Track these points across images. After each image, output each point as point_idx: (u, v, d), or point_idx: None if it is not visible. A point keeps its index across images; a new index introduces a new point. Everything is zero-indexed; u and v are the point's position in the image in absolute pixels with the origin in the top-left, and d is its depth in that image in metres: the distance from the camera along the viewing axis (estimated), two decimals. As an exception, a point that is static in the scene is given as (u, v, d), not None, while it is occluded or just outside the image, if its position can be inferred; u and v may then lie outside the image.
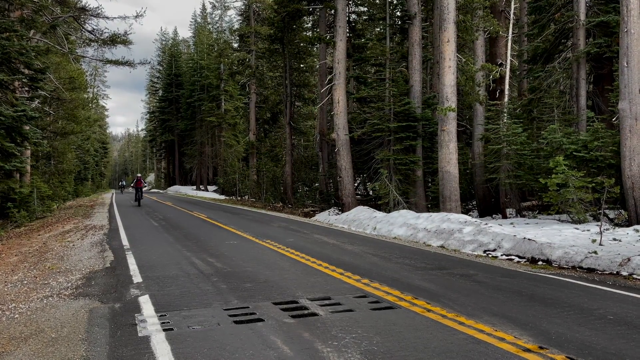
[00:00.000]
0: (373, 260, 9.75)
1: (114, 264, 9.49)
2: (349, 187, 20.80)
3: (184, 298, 6.69)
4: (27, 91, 21.57)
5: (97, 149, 68.25)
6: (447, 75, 15.72)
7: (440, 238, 12.48)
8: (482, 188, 20.08)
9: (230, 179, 42.06)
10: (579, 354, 4.51)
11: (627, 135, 12.59)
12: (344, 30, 21.16)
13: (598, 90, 18.66)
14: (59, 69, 28.26)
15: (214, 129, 54.60)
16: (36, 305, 6.58)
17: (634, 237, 10.64)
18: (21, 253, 11.63)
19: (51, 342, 5.06)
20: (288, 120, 31.01)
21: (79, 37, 26.73)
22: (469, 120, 22.90)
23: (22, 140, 18.21)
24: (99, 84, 70.98)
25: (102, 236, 14.07)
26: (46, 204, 23.83)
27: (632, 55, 12.42)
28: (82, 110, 35.18)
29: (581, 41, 17.38)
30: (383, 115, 20.04)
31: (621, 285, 7.50)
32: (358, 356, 4.47)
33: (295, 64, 32.49)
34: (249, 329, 5.31)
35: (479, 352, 4.54)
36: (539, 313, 5.88)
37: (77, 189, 47.38)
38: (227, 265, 9.10)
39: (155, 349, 4.72)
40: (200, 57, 58.06)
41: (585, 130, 16.52)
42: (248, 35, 41.00)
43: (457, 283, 7.63)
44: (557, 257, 9.35)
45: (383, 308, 6.14)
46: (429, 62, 23.89)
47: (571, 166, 14.25)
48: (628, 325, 5.39)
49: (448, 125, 15.76)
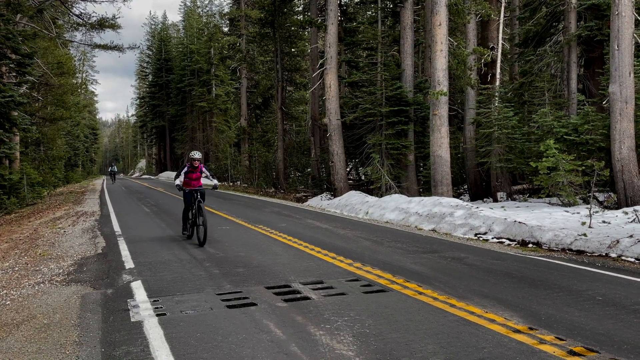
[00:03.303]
0: (365, 244, 9.80)
1: (106, 250, 9.47)
2: (341, 172, 20.80)
3: (176, 283, 6.69)
4: (14, 76, 21.28)
5: (87, 135, 67.74)
6: (439, 59, 15.66)
7: (432, 222, 12.54)
8: (474, 172, 20.15)
9: (222, 165, 41.91)
10: (568, 334, 4.58)
11: (617, 118, 12.64)
12: (335, 13, 20.97)
13: (589, 73, 18.69)
14: (47, 54, 27.85)
15: (205, 114, 54.24)
16: (28, 291, 6.56)
17: (623, 219, 10.75)
18: (12, 240, 11.57)
19: (43, 328, 5.05)
20: (280, 105, 30.84)
21: (66, 21, 26.36)
22: (461, 104, 22.90)
23: (11, 126, 18.03)
24: (88, 69, 70.07)
25: (94, 222, 14.01)
26: (36, 191, 23.65)
27: (623, 38, 12.42)
28: (71, 95, 34.78)
29: (572, 24, 17.36)
30: (375, 99, 19.98)
31: (610, 267, 7.59)
32: (350, 339, 4.51)
33: (287, 48, 32.22)
34: (242, 313, 5.33)
35: (469, 334, 4.59)
36: (528, 295, 5.94)
37: (67, 175, 47.06)
38: (220, 251, 9.11)
39: (148, 333, 4.73)
40: (190, 41, 57.49)
41: (575, 114, 16.58)
42: (238, 19, 40.52)
43: (448, 266, 7.69)
44: (547, 239, 9.43)
45: (375, 291, 6.18)
46: (420, 45, 23.79)
47: (561, 149, 14.32)
48: (616, 306, 5.46)
49: (440, 110, 15.75)
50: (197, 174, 10.23)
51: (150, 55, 75.28)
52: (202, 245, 9.36)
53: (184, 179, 10.09)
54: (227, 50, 43.57)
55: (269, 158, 33.32)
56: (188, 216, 10.29)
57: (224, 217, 14.87)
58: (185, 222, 10.41)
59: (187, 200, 10.18)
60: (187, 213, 10.31)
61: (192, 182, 10.25)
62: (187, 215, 10.29)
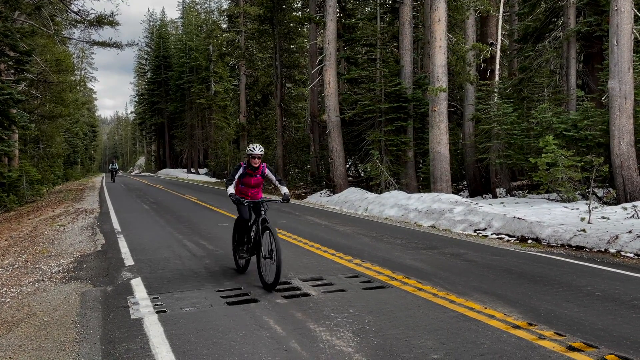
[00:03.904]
0: (365, 241, 9.81)
1: (106, 247, 9.47)
2: (340, 168, 20.80)
3: (176, 280, 6.70)
4: (13, 74, 21.23)
5: (86, 133, 67.64)
6: (438, 55, 15.64)
7: (431, 218, 12.55)
8: (473, 168, 20.16)
9: (221, 162, 41.91)
10: (568, 329, 4.59)
11: (616, 114, 12.63)
12: (334, 9, 20.93)
13: (588, 69, 18.67)
14: (45, 51, 27.79)
15: (204, 111, 54.19)
16: (28, 289, 6.57)
17: (622, 215, 10.76)
18: (11, 237, 11.57)
19: (43, 326, 5.05)
20: (279, 101, 30.81)
21: (64, 19, 26.29)
22: (460, 100, 22.89)
23: (10, 124, 18.00)
24: (86, 66, 69.97)
25: (93, 220, 14.01)
26: (35, 188, 23.64)
27: (622, 33, 12.40)
28: (69, 93, 34.72)
29: (571, 20, 17.33)
30: (374, 96, 19.96)
31: (609, 263, 7.60)
32: (350, 335, 4.52)
33: (285, 44, 32.14)
34: (241, 310, 5.34)
35: (469, 329, 4.60)
36: (528, 290, 5.95)
37: (66, 172, 47.03)
38: (219, 247, 9.11)
39: (148, 330, 4.74)
40: (188, 38, 57.35)
41: (575, 110, 16.56)
42: (237, 15, 40.42)
43: (448, 262, 7.70)
44: (547, 235, 9.44)
45: (375, 287, 6.19)
46: (419, 42, 23.74)
47: (561, 145, 14.31)
48: (616, 302, 5.47)
49: (439, 106, 15.74)
50: (259, 178, 6.96)
51: (148, 52, 75.14)
52: (271, 288, 6.04)
53: (239, 185, 6.98)
54: (226, 47, 43.48)
55: (268, 155, 33.30)
56: (243, 239, 7.14)
57: (223, 214, 14.87)
58: (237, 247, 7.23)
59: (244, 217, 6.99)
60: (242, 235, 7.12)
61: (250, 191, 6.99)
62: (242, 238, 7.14)
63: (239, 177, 6.83)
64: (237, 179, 6.82)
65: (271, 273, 6.12)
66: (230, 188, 6.71)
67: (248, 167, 6.83)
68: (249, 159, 6.80)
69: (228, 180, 6.83)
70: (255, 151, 6.69)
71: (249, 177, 6.86)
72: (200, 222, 12.83)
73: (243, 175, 6.85)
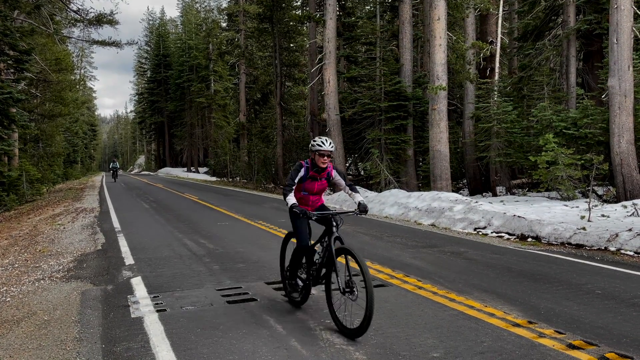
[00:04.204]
0: (365, 239, 9.81)
1: (106, 247, 9.47)
2: (340, 167, 20.81)
3: (176, 279, 6.70)
4: (12, 73, 21.23)
5: (85, 132, 67.60)
6: (437, 53, 15.63)
7: (431, 216, 12.55)
8: (473, 166, 20.16)
9: (221, 161, 41.86)
10: (568, 327, 4.59)
11: (616, 112, 12.63)
12: (333, 8, 20.91)
13: (588, 67, 18.67)
14: (45, 51, 27.75)
15: (204, 110, 54.16)
16: (28, 288, 6.57)
17: (622, 213, 10.76)
18: (11, 237, 11.57)
19: (44, 325, 5.06)
20: (278, 100, 30.80)
21: (64, 18, 26.28)
22: (460, 99, 22.88)
23: (9, 123, 18.00)
24: (86, 65, 70.01)
25: (93, 219, 14.01)
26: (35, 187, 23.65)
27: (622, 31, 12.39)
28: (69, 92, 34.70)
29: (571, 18, 17.32)
30: (374, 94, 19.95)
31: (609, 261, 7.60)
32: (350, 333, 4.51)
33: (285, 43, 32.14)
34: (241, 309, 5.34)
35: (469, 328, 4.60)
36: (528, 289, 5.96)
37: (66, 172, 47.02)
38: (219, 246, 9.12)
39: (148, 329, 4.74)
40: (188, 37, 57.30)
41: (574, 108, 16.56)
42: (237, 14, 40.39)
43: (448, 260, 7.70)
44: (547, 233, 9.44)
45: (375, 286, 6.18)
46: (419, 40, 23.74)
47: (561, 143, 14.31)
48: (616, 300, 5.47)
49: (439, 104, 15.73)
50: (323, 183, 5.28)
51: (148, 51, 75.06)
52: (355, 336, 4.35)
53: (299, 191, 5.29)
54: (226, 46, 43.47)
55: (268, 153, 33.29)
56: (300, 263, 5.41)
57: (223, 212, 14.87)
58: (291, 273, 5.48)
59: (302, 232, 5.35)
60: (299, 256, 5.38)
61: (311, 199, 5.37)
62: (299, 259, 5.39)
63: (299, 180, 5.12)
64: (295, 183, 5.10)
65: (354, 314, 4.57)
66: (290, 197, 5.01)
67: (312, 168, 5.07)
68: (314, 158, 5.04)
69: (287, 185, 5.09)
70: (324, 147, 4.92)
71: (312, 181, 5.14)
72: (201, 221, 12.83)
73: (304, 179, 5.12)
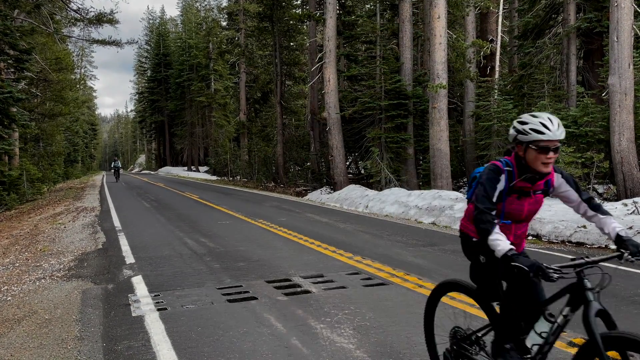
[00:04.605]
0: (365, 238, 9.82)
1: (106, 246, 9.48)
2: (340, 165, 20.79)
3: (177, 278, 6.71)
4: (12, 72, 21.24)
5: (86, 131, 67.67)
6: (437, 52, 15.62)
7: (432, 215, 12.56)
8: (473, 165, 20.14)
9: (222, 160, 41.86)
10: (568, 326, 4.57)
11: (616, 110, 12.62)
12: (333, 7, 20.89)
13: (588, 65, 18.64)
14: (45, 50, 27.76)
15: (204, 109, 54.16)
16: (29, 287, 6.58)
17: (622, 211, 10.75)
18: (12, 236, 11.58)
19: (45, 323, 5.07)
20: (279, 99, 30.79)
21: (64, 17, 26.28)
22: (460, 97, 22.86)
23: (10, 122, 18.01)
24: (86, 64, 69.83)
25: (94, 218, 14.02)
26: (36, 187, 23.66)
27: (622, 29, 12.38)
28: (69, 91, 34.70)
29: (572, 16, 17.30)
30: (374, 93, 19.94)
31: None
32: (351, 332, 4.52)
33: (285, 42, 32.11)
34: (242, 307, 5.35)
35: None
36: (528, 287, 5.95)
37: (67, 171, 47.04)
38: (220, 245, 9.12)
39: (149, 328, 4.75)
40: (188, 36, 57.30)
41: (575, 106, 16.54)
42: (237, 13, 40.35)
43: (449, 259, 7.70)
44: (547, 231, 9.45)
45: (375, 284, 6.20)
46: (419, 38, 23.70)
47: (561, 142, 14.30)
48: (616, 298, 5.48)
49: (439, 103, 15.73)
50: (539, 200, 2.89)
51: (148, 51, 75.03)
52: None
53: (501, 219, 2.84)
54: (226, 45, 43.44)
55: (269, 152, 33.29)
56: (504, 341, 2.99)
57: (224, 211, 14.88)
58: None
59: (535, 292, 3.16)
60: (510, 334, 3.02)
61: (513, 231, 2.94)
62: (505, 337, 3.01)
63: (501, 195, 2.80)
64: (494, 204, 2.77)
65: None
66: (495, 232, 2.65)
67: (520, 175, 2.80)
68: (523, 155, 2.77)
69: (484, 210, 2.71)
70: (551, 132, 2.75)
71: (519, 198, 2.86)
72: (201, 220, 12.84)
73: (505, 195, 2.82)
